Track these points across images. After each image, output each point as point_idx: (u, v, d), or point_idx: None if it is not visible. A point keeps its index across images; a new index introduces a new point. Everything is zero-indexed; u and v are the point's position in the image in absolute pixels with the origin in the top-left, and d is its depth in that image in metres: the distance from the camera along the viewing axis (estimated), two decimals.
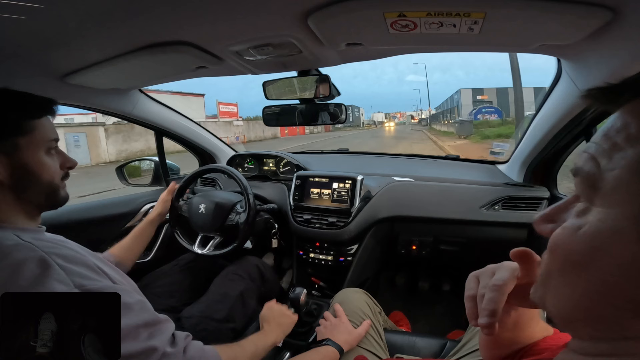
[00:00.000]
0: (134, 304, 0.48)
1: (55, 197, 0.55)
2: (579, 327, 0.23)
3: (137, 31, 0.62)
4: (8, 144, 0.48)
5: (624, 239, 0.19)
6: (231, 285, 1.02)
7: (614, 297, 0.20)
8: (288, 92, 0.95)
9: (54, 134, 0.54)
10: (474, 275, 0.38)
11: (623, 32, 0.52)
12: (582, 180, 0.23)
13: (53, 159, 0.54)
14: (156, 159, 1.48)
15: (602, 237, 0.20)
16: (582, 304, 0.22)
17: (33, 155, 0.50)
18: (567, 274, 0.23)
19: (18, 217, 0.51)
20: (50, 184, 0.53)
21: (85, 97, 0.98)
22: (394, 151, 3.94)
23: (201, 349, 0.54)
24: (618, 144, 0.21)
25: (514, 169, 1.22)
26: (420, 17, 0.53)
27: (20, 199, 0.51)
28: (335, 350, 0.71)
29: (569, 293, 0.23)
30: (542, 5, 0.49)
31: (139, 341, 0.45)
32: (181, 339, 0.52)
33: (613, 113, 0.22)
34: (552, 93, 0.86)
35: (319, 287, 1.29)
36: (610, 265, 0.20)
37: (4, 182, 0.48)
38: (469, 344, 0.74)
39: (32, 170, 0.50)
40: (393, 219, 1.23)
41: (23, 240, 0.46)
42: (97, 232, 1.19)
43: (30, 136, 0.50)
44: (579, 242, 0.22)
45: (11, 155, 0.49)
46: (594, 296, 0.21)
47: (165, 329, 0.50)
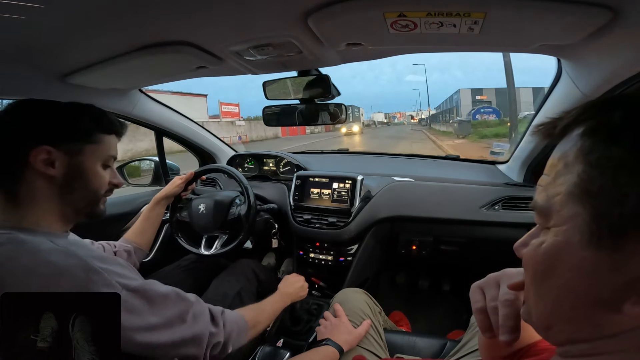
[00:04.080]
0: (170, 293, 0.51)
1: (95, 207, 0.57)
2: (557, 332, 0.26)
3: (137, 31, 0.62)
4: (76, 146, 0.53)
5: (572, 247, 0.23)
6: (229, 285, 1.03)
7: (579, 298, 0.24)
8: (288, 92, 0.95)
9: (115, 152, 0.60)
10: (478, 286, 0.39)
11: (623, 32, 0.52)
12: (537, 213, 0.27)
13: (105, 172, 0.58)
14: (156, 159, 1.48)
15: (556, 249, 0.25)
16: (555, 310, 0.26)
17: (91, 163, 0.55)
18: (538, 285, 0.27)
19: (53, 219, 0.52)
20: (95, 193, 0.56)
21: (85, 97, 0.96)
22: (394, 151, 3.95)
23: (235, 320, 0.61)
24: (560, 170, 0.25)
25: (514, 169, 1.22)
26: (420, 17, 0.53)
27: (64, 198, 0.52)
28: (335, 350, 0.71)
29: (542, 303, 0.27)
30: (542, 5, 0.49)
31: (187, 326, 0.50)
32: (219, 315, 0.58)
33: (557, 144, 0.27)
34: (552, 93, 0.86)
35: (319, 287, 1.29)
36: (567, 271, 0.24)
37: (56, 178, 0.51)
38: (469, 344, 0.74)
39: (85, 176, 0.54)
40: (393, 219, 1.23)
41: (58, 245, 0.46)
42: (97, 232, 1.19)
43: (96, 146, 0.55)
44: (541, 255, 0.26)
45: (74, 157, 0.52)
46: (563, 301, 0.25)
47: (203, 310, 0.55)
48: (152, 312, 0.46)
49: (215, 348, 0.55)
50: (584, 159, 0.23)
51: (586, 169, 0.23)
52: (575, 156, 0.24)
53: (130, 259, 0.86)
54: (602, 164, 0.22)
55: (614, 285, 0.22)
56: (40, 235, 0.47)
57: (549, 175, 0.27)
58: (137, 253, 0.89)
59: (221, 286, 1.03)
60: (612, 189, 0.21)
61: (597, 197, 0.22)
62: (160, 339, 0.46)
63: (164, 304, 0.48)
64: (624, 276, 0.21)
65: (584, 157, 0.23)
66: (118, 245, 0.86)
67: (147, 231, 0.96)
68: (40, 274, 0.41)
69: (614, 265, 0.21)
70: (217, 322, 0.56)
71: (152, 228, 0.97)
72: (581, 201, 0.23)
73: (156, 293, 0.48)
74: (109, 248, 0.82)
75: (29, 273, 0.41)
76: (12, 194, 0.49)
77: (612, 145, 0.22)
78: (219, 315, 0.58)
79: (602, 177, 0.22)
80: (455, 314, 1.46)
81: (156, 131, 1.37)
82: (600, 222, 0.22)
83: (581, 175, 0.23)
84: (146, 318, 0.45)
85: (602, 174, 0.22)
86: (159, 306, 0.48)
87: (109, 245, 0.83)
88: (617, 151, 0.21)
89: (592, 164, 0.23)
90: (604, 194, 0.22)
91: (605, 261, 0.22)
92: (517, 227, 1.11)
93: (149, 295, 0.47)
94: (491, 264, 0.50)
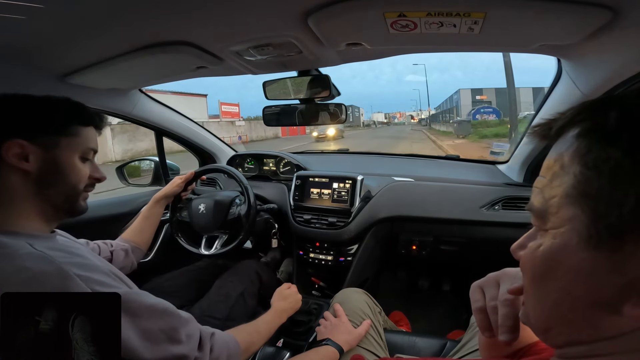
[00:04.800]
0: (157, 306, 0.48)
1: (74, 203, 0.55)
2: (555, 335, 0.26)
3: (137, 31, 0.62)
4: (50, 140, 0.51)
5: (570, 250, 0.23)
6: (232, 286, 1.04)
7: (577, 300, 0.24)
8: (288, 92, 0.95)
9: (94, 144, 0.57)
10: (477, 285, 0.39)
11: (623, 32, 0.52)
12: (533, 215, 0.27)
13: (84, 166, 0.56)
14: (156, 159, 1.48)
15: (554, 252, 0.25)
16: (553, 312, 0.26)
17: (68, 157, 0.53)
18: (536, 288, 0.27)
19: (33, 219, 0.50)
20: (73, 187, 0.54)
21: (85, 97, 0.97)
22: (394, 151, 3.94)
23: (225, 343, 0.56)
24: (556, 172, 0.25)
25: (514, 169, 1.22)
26: (420, 17, 0.53)
27: (41, 194, 0.51)
28: (335, 350, 0.71)
29: (541, 305, 0.27)
30: (542, 5, 0.49)
31: (172, 345, 0.46)
32: (207, 339, 0.53)
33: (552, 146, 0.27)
34: (552, 93, 0.86)
35: (319, 287, 1.29)
36: (566, 273, 0.24)
37: (31, 173, 0.49)
38: (469, 344, 0.74)
39: (62, 169, 0.52)
40: (393, 219, 1.23)
41: (36, 249, 0.44)
42: (97, 232, 1.19)
43: (72, 139, 0.53)
44: (539, 257, 0.26)
45: (49, 150, 0.50)
46: (561, 303, 0.25)
47: (194, 332, 0.51)
48: (132, 324, 0.43)
49: None
50: (580, 160, 0.23)
51: (583, 171, 0.23)
52: (572, 157, 0.24)
53: (127, 258, 0.85)
54: (598, 166, 0.22)
55: (613, 286, 0.22)
56: (22, 237, 0.46)
57: (545, 177, 0.26)
58: (135, 252, 0.88)
59: (224, 287, 1.04)
60: (610, 190, 0.21)
61: (595, 198, 0.22)
62: (141, 354, 0.43)
63: (148, 317, 0.45)
64: (623, 277, 0.21)
65: (580, 158, 0.23)
66: (115, 244, 0.85)
67: (145, 230, 0.95)
68: (15, 281, 0.40)
69: (612, 267, 0.21)
70: (203, 346, 0.52)
71: (151, 227, 0.97)
72: (579, 203, 0.23)
73: (140, 305, 0.46)
74: (106, 248, 0.81)
75: (5, 279, 0.40)
76: None
77: (608, 146, 0.22)
78: (207, 339, 0.54)
79: (599, 179, 0.22)
80: (455, 314, 1.46)
81: (156, 131, 1.37)
82: (598, 224, 0.22)
83: (578, 176, 0.23)
84: (125, 331, 0.42)
85: (599, 175, 0.22)
86: (142, 319, 0.45)
87: (105, 245, 0.81)
88: (613, 152, 0.21)
89: (588, 166, 0.22)
90: (601, 196, 0.21)
91: (604, 263, 0.22)
92: (517, 227, 1.11)
93: (130, 306, 0.44)
94: (491, 263, 0.50)
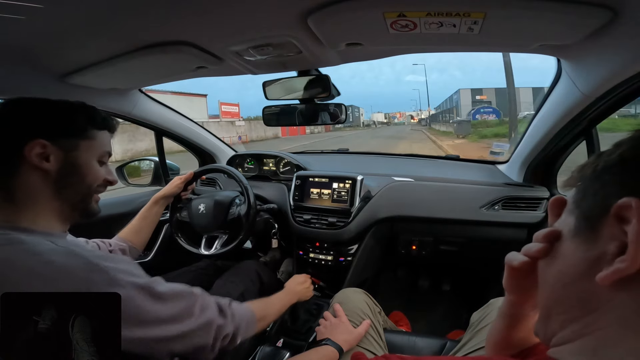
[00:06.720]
0: (176, 288, 0.52)
1: (88, 203, 0.57)
2: (554, 320, 0.29)
3: (137, 31, 0.62)
4: (70, 142, 0.54)
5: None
6: (232, 286, 1.04)
7: (567, 276, 0.27)
8: (288, 92, 0.95)
9: (109, 148, 0.60)
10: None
11: (623, 32, 0.52)
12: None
13: (101, 169, 0.59)
14: (156, 159, 1.48)
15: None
16: (552, 296, 0.29)
17: (86, 158, 0.55)
18: (543, 273, 0.31)
19: (51, 218, 0.52)
20: (89, 187, 0.56)
21: (85, 97, 0.96)
22: (394, 151, 3.94)
23: (243, 312, 0.62)
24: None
25: (514, 169, 1.22)
26: (420, 17, 0.53)
27: (59, 194, 0.52)
28: (335, 350, 0.71)
29: (542, 293, 0.31)
30: (542, 5, 0.49)
31: (195, 318, 0.51)
32: (226, 307, 0.59)
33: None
34: (552, 93, 0.86)
35: (319, 287, 1.29)
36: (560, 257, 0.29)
37: (50, 173, 0.51)
38: (469, 343, 0.74)
39: (80, 171, 0.54)
40: (393, 219, 1.23)
41: (58, 245, 0.46)
42: (97, 232, 1.19)
43: (90, 142, 0.56)
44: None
45: (69, 152, 0.53)
46: (556, 282, 0.29)
47: (209, 302, 0.56)
48: (160, 307, 0.47)
49: (224, 340, 0.56)
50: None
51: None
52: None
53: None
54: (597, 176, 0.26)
55: (590, 259, 0.26)
56: (39, 235, 0.47)
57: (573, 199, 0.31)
58: (131, 252, 0.89)
59: (224, 286, 1.04)
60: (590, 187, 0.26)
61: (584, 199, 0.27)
62: (170, 332, 0.47)
63: (172, 299, 0.50)
64: (597, 250, 0.25)
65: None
66: (114, 243, 0.85)
67: (143, 230, 0.95)
68: (39, 275, 0.41)
69: (591, 245, 0.26)
70: (225, 313, 0.57)
71: (149, 228, 0.96)
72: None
73: (163, 289, 0.49)
74: (104, 246, 0.82)
75: (28, 274, 0.41)
76: (7, 191, 0.49)
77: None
78: (227, 307, 0.59)
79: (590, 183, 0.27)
80: (455, 314, 1.46)
81: (156, 131, 1.37)
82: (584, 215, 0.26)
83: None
84: (155, 313, 0.46)
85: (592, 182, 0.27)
86: (167, 301, 0.49)
87: (103, 244, 0.82)
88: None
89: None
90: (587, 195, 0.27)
91: (585, 245, 0.26)
92: (516, 227, 1.12)
93: (156, 291, 0.48)
94: (491, 263, 0.50)
